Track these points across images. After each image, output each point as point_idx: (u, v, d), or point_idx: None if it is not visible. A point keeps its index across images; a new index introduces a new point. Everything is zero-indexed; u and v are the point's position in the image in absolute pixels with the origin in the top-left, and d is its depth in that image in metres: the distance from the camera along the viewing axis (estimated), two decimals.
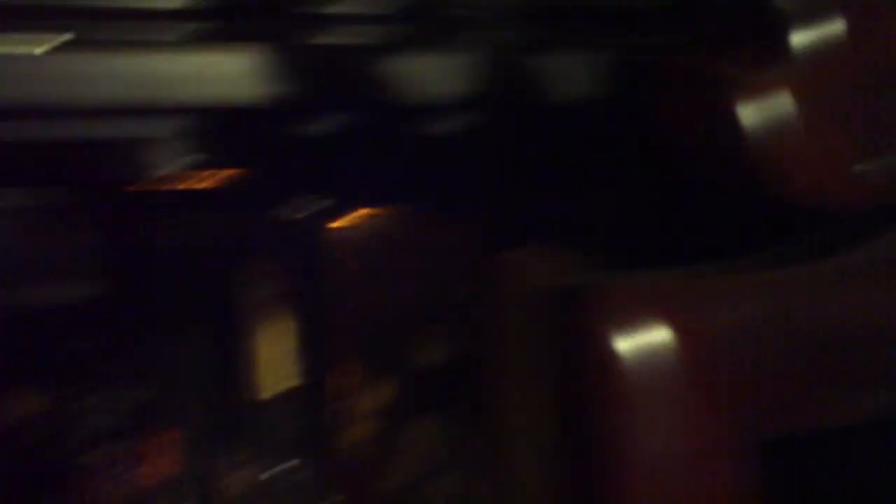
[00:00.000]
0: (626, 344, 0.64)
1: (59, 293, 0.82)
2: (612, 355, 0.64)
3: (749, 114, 0.72)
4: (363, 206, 0.85)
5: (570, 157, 0.83)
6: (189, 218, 0.84)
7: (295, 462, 0.77)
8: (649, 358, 0.64)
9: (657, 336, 0.65)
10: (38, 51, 0.69)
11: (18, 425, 0.81)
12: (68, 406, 0.82)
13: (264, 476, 0.77)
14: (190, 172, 0.82)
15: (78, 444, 0.75)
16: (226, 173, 0.82)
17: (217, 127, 0.76)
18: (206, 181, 0.83)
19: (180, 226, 0.85)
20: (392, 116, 0.79)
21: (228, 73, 0.73)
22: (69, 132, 0.72)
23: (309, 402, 0.79)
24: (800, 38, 0.73)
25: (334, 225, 0.83)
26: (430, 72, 0.79)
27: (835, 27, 0.74)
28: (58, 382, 0.82)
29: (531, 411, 0.67)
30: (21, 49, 0.69)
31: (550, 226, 0.82)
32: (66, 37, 0.70)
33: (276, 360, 0.78)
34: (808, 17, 0.73)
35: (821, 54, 0.73)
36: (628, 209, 0.81)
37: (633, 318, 0.65)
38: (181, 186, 0.83)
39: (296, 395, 0.79)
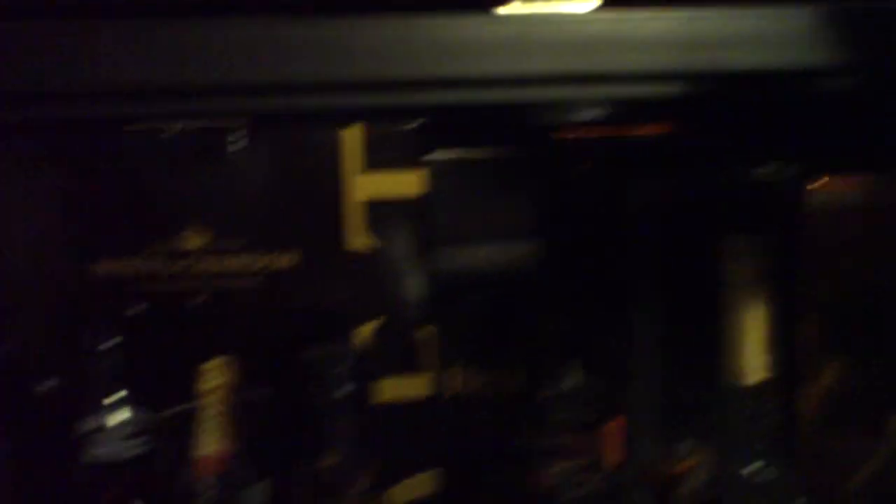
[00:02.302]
0: None
1: (506, 256, 0.79)
2: None
3: None
4: (846, 173, 0.77)
5: None
6: (653, 181, 0.80)
7: (759, 462, 0.70)
8: None
9: None
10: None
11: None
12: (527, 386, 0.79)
13: (728, 471, 0.71)
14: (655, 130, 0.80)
15: (535, 427, 0.71)
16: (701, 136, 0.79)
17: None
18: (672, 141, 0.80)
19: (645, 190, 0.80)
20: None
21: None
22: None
23: (777, 394, 0.72)
24: None
25: (812, 193, 0.75)
26: None
27: None
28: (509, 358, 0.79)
29: None
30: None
31: None
32: None
33: (748, 345, 0.71)
34: None
35: None
36: None
37: None
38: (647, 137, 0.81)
39: (766, 386, 0.72)
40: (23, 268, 0.70)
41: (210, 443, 0.72)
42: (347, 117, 0.71)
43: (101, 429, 0.64)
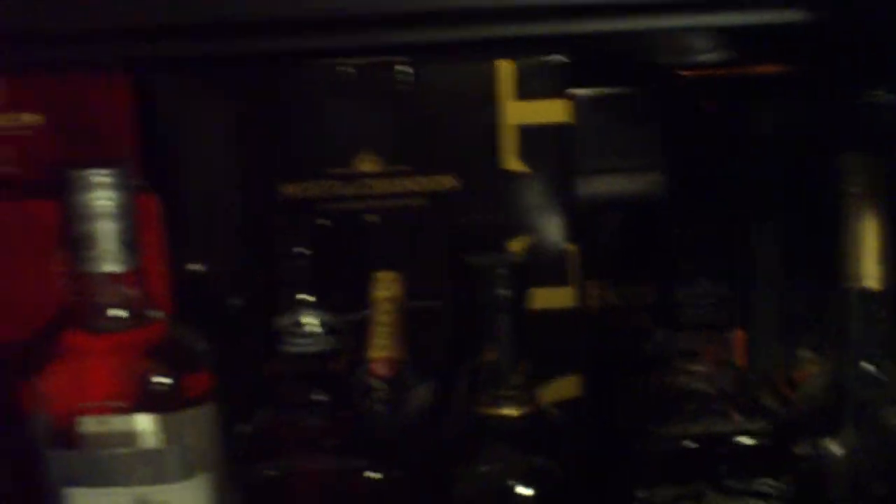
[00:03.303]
0: None
1: (639, 183, 0.87)
2: None
3: None
4: None
5: None
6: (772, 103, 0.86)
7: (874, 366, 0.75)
8: None
9: None
10: None
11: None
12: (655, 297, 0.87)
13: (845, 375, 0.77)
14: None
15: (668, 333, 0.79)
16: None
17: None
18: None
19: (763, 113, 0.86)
20: None
21: None
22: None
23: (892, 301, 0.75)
24: None
25: None
26: None
27: None
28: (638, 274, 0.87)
29: None
30: None
31: None
32: None
33: (865, 255, 0.73)
34: None
35: None
36: None
37: None
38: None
39: (881, 294, 0.73)
40: (218, 191, 0.80)
41: (382, 347, 0.82)
42: (500, 49, 0.79)
43: (294, 325, 0.73)
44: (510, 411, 0.74)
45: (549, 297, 0.81)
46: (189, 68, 0.79)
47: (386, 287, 0.81)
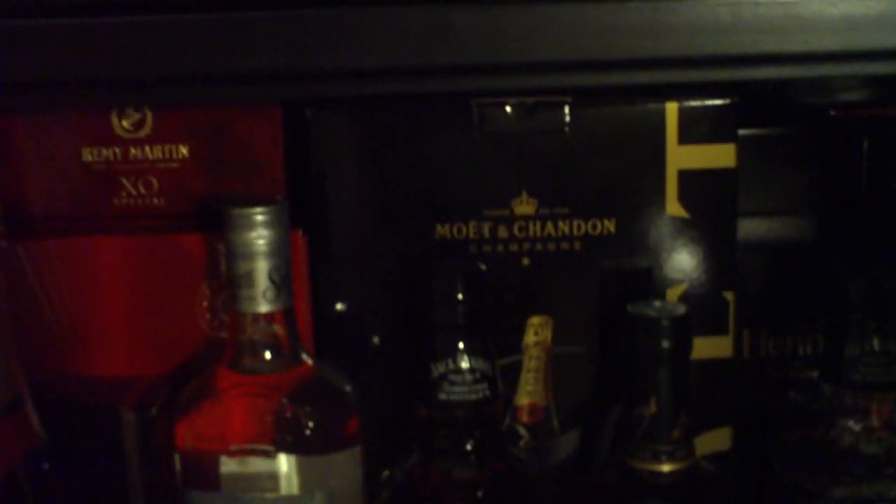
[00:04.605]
0: None
1: (791, 227, 0.85)
2: None
3: None
4: None
5: None
6: None
7: None
8: None
9: None
10: None
11: None
12: None
13: None
14: None
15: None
16: None
17: None
18: None
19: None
20: None
21: None
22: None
23: None
24: None
25: None
26: None
27: None
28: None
29: None
30: None
31: None
32: None
33: None
34: None
35: None
36: None
37: None
38: None
39: None
40: (368, 229, 0.78)
41: (528, 393, 0.79)
42: (664, 92, 0.77)
43: (448, 371, 0.71)
44: (668, 467, 0.71)
45: (706, 347, 0.78)
46: (344, 104, 0.77)
47: (536, 332, 0.78)
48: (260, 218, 0.67)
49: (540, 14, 0.65)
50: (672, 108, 0.76)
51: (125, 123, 0.80)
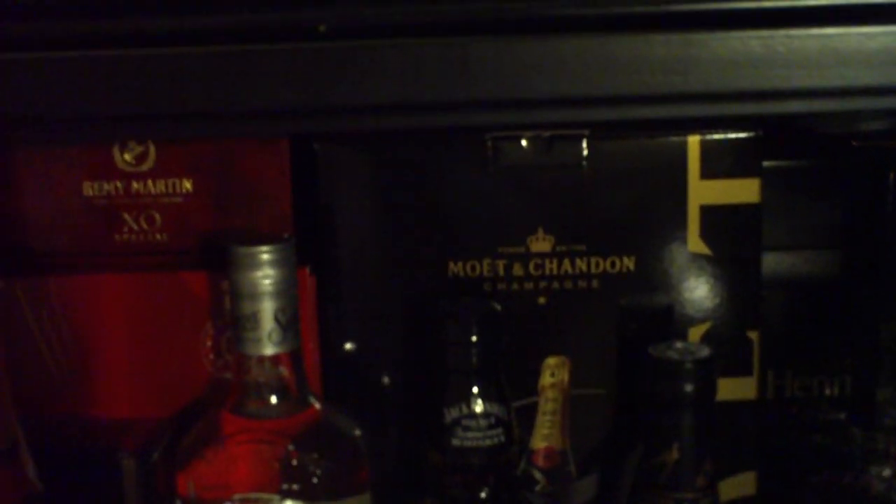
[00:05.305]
0: None
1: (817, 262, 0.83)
2: None
3: None
4: None
5: None
6: None
7: None
8: None
9: None
10: None
11: None
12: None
13: None
14: None
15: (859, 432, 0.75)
16: None
17: None
18: None
19: None
20: None
21: None
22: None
23: None
24: None
25: None
26: None
27: None
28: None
29: None
30: None
31: None
32: None
33: None
34: None
35: None
36: None
37: None
38: None
39: None
40: (378, 267, 0.76)
41: (545, 436, 0.76)
42: (685, 124, 0.74)
43: (461, 416, 0.68)
44: None
45: (729, 389, 0.75)
46: (353, 137, 0.74)
47: (552, 373, 0.76)
48: (266, 257, 0.65)
49: (564, 47, 0.63)
50: (694, 141, 0.74)
51: (127, 157, 0.77)
